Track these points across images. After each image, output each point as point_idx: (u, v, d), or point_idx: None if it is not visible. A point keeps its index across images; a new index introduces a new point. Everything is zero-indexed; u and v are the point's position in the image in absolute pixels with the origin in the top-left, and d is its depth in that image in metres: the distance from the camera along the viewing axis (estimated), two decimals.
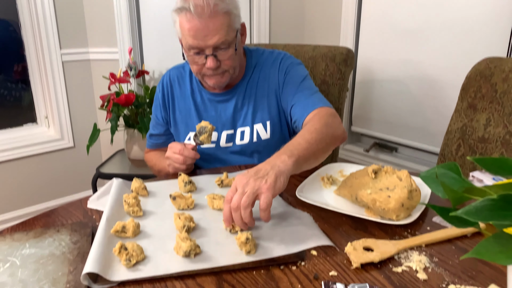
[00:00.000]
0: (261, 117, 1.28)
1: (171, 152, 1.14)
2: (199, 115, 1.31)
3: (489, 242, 0.50)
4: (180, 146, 1.13)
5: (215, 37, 1.11)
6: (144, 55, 2.42)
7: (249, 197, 0.78)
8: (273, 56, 1.31)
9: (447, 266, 0.73)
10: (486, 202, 0.46)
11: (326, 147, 1.01)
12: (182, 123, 1.33)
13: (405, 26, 1.96)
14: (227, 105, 1.29)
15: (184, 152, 1.12)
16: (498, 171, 0.51)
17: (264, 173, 0.81)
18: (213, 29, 1.10)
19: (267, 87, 1.28)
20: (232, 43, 1.16)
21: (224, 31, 1.11)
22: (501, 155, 1.21)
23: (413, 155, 2.17)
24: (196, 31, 1.10)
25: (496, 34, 1.67)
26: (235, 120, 1.29)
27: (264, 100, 1.28)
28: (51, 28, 2.27)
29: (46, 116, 2.46)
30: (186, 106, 1.32)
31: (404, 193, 0.86)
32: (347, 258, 0.76)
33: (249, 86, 1.29)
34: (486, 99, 1.28)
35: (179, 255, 0.75)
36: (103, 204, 0.96)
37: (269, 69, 1.28)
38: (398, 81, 2.05)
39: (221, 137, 1.29)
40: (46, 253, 0.78)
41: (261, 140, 1.28)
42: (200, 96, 1.31)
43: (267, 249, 0.77)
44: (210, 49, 1.13)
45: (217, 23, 1.10)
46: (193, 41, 1.12)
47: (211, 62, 1.14)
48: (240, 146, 1.29)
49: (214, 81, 1.21)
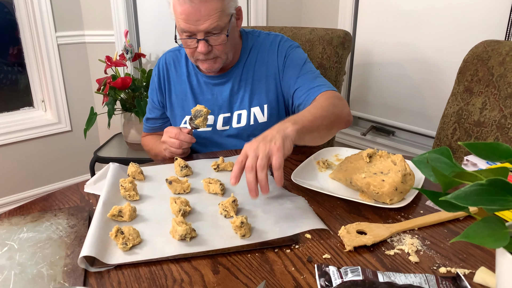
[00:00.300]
0: (259, 101, 1.28)
1: (167, 136, 1.15)
2: (195, 99, 1.31)
3: (478, 226, 0.51)
4: (176, 130, 1.13)
5: (207, 22, 1.10)
6: (141, 38, 2.40)
7: (263, 159, 0.80)
8: (270, 39, 1.30)
9: (438, 249, 0.75)
10: (475, 187, 0.47)
11: (330, 124, 1.02)
12: (178, 106, 1.33)
13: (403, 8, 1.94)
14: (223, 88, 1.29)
15: (180, 136, 1.12)
16: (489, 156, 0.51)
17: (272, 137, 0.84)
18: (205, 14, 1.09)
19: (266, 70, 1.27)
20: (225, 29, 1.14)
21: (216, 16, 1.10)
22: (496, 139, 1.21)
23: (410, 139, 2.17)
24: (188, 14, 1.09)
25: (495, 16, 1.65)
26: (232, 103, 1.29)
27: (262, 84, 1.27)
28: (45, 11, 2.24)
29: (42, 100, 2.45)
30: (182, 90, 1.32)
31: (398, 177, 0.87)
32: (340, 241, 0.77)
33: (245, 69, 1.28)
34: (483, 82, 1.27)
35: (175, 238, 0.76)
36: (100, 188, 0.96)
37: (267, 52, 1.27)
38: (396, 65, 2.04)
39: (218, 120, 1.29)
40: (43, 237, 0.78)
41: (258, 123, 1.28)
42: (196, 79, 1.31)
43: (262, 233, 0.78)
44: (201, 34, 1.12)
45: (209, 7, 1.09)
46: (185, 24, 1.11)
47: (202, 46, 1.13)
48: (237, 129, 1.29)
49: (207, 66, 1.20)
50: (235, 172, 0.82)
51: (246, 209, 0.87)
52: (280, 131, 0.86)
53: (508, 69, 1.22)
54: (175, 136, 1.13)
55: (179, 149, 1.14)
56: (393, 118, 2.14)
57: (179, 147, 1.13)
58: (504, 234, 0.50)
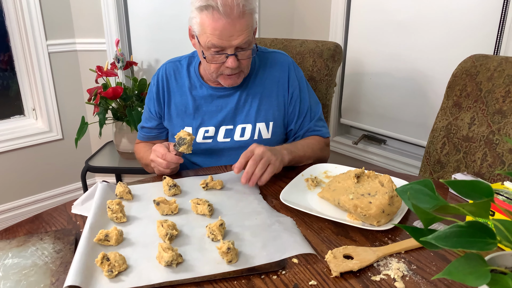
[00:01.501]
0: (265, 117, 1.29)
1: (155, 155, 1.14)
2: (198, 110, 1.29)
3: (460, 263, 0.51)
4: (163, 151, 1.13)
5: (240, 37, 1.11)
6: (133, 46, 2.39)
7: (266, 162, 1.05)
8: (277, 57, 1.32)
9: (424, 274, 0.75)
10: (455, 229, 0.47)
11: (311, 161, 1.26)
12: (178, 117, 1.31)
13: (394, 19, 1.95)
14: (229, 100, 1.28)
15: (166, 157, 1.12)
16: (470, 194, 0.51)
17: (275, 153, 1.09)
18: (239, 29, 1.10)
19: (276, 89, 1.29)
20: (252, 43, 1.17)
21: (247, 31, 1.12)
22: (484, 155, 1.22)
23: (402, 148, 2.18)
24: (222, 30, 1.08)
25: (485, 28, 1.67)
26: (236, 116, 1.29)
27: (270, 101, 1.29)
28: (36, 19, 2.22)
29: (33, 108, 2.44)
30: (182, 101, 1.30)
31: (385, 199, 0.87)
32: (327, 266, 0.77)
33: (255, 83, 1.29)
34: (471, 98, 1.28)
35: (161, 264, 0.76)
36: (88, 209, 0.96)
37: (277, 71, 1.30)
38: (387, 74, 2.04)
39: (219, 132, 1.29)
40: (28, 263, 0.78)
41: (262, 139, 1.29)
42: (201, 89, 1.29)
43: (249, 258, 0.78)
44: (232, 49, 1.12)
45: (243, 23, 1.10)
46: (218, 40, 1.10)
47: (233, 61, 1.14)
48: (239, 143, 1.28)
49: (230, 82, 1.21)
50: (240, 163, 1.05)
51: (233, 232, 0.87)
52: (280, 154, 1.11)
53: (496, 84, 1.23)
54: (162, 157, 1.12)
55: (167, 169, 1.14)
56: (385, 127, 2.14)
57: (167, 167, 1.13)
58: (485, 272, 0.50)
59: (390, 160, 2.15)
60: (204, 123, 1.29)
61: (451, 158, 1.31)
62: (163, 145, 1.15)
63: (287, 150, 1.15)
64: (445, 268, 0.50)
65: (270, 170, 1.06)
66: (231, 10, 1.06)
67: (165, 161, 1.12)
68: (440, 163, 1.34)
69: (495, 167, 1.20)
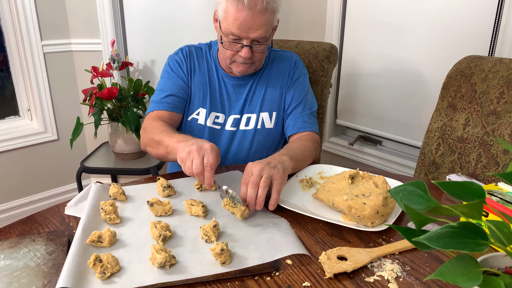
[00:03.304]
0: (269, 107, 1.33)
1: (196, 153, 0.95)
2: (212, 94, 1.33)
3: (452, 264, 0.51)
4: (213, 162, 0.95)
5: (258, 31, 1.15)
6: (128, 46, 2.38)
7: (267, 179, 0.92)
8: (288, 54, 1.39)
9: (418, 275, 0.75)
10: (447, 229, 0.47)
11: (306, 164, 1.19)
12: (195, 96, 1.33)
13: (390, 20, 1.95)
14: (240, 90, 1.33)
15: (207, 171, 0.95)
16: (461, 196, 0.51)
17: (274, 165, 0.97)
18: (259, 23, 1.14)
19: (280, 81, 1.35)
20: (269, 39, 1.22)
21: (266, 27, 1.17)
22: (479, 156, 1.22)
23: (397, 149, 2.18)
24: (243, 21, 1.13)
25: (480, 29, 1.67)
26: (244, 106, 1.33)
27: (274, 92, 1.34)
28: (31, 19, 2.21)
29: (28, 108, 2.42)
30: (202, 82, 1.34)
31: (379, 200, 0.87)
32: (321, 267, 0.77)
33: (263, 75, 1.34)
34: (466, 99, 1.28)
35: (154, 266, 0.75)
36: (81, 210, 0.95)
37: (284, 65, 1.36)
38: (382, 76, 2.05)
39: (228, 120, 1.33)
40: (20, 264, 0.77)
41: (264, 128, 1.33)
42: (217, 76, 1.34)
43: (242, 259, 0.78)
44: (248, 41, 1.17)
45: (264, 19, 1.14)
46: (236, 30, 1.15)
47: (246, 52, 1.19)
48: (243, 132, 1.33)
49: (242, 69, 1.25)
50: (243, 192, 0.93)
51: (228, 233, 0.87)
52: (281, 162, 1.00)
53: (490, 86, 1.24)
54: (206, 165, 0.95)
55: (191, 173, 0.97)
56: (380, 128, 2.15)
57: (195, 173, 0.96)
58: (477, 273, 0.50)
59: (386, 161, 2.15)
60: (217, 109, 1.33)
61: (446, 159, 1.31)
62: (216, 150, 0.98)
63: (287, 156, 1.05)
64: (438, 269, 0.50)
65: (276, 189, 0.93)
66: (255, 4, 1.11)
67: (200, 171, 0.95)
68: (435, 164, 1.34)
69: (490, 168, 1.21)
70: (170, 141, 1.09)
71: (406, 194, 0.58)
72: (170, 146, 1.08)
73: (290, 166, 1.03)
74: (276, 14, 1.19)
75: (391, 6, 1.93)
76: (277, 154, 1.06)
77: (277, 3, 1.17)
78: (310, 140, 1.27)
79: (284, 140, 1.38)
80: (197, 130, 1.32)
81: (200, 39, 1.48)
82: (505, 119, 1.19)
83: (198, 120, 1.32)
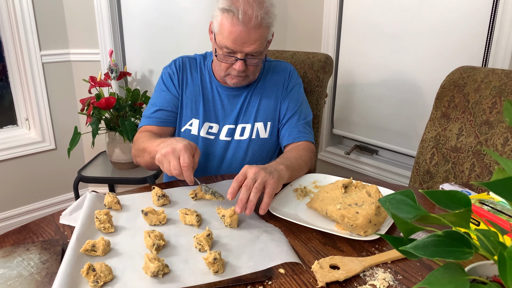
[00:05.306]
0: (264, 117, 1.34)
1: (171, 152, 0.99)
2: (206, 104, 1.34)
3: (439, 273, 0.51)
4: (188, 161, 0.99)
5: (252, 46, 1.17)
6: (127, 56, 2.40)
7: (260, 184, 0.93)
8: (283, 65, 1.41)
9: (410, 284, 0.75)
10: (433, 238, 0.47)
11: (302, 173, 1.20)
12: (187, 107, 1.35)
13: (385, 30, 1.98)
14: (235, 101, 1.34)
15: (185, 171, 0.99)
16: (448, 205, 0.52)
17: (270, 171, 0.97)
18: (253, 38, 1.16)
19: (275, 91, 1.36)
20: (263, 53, 1.24)
21: (260, 42, 1.18)
22: (472, 165, 1.23)
23: (393, 158, 2.19)
24: (237, 36, 1.15)
25: (474, 40, 1.69)
26: (239, 116, 1.34)
27: (269, 102, 1.35)
28: (30, 29, 2.24)
29: (26, 118, 2.44)
30: (194, 93, 1.35)
31: (371, 209, 0.88)
32: (313, 276, 0.77)
33: (258, 85, 1.36)
34: (459, 109, 1.30)
35: (148, 275, 0.76)
36: (76, 220, 0.96)
37: (278, 76, 1.37)
38: (378, 85, 2.06)
39: (222, 130, 1.34)
40: (14, 273, 0.77)
41: (259, 138, 1.34)
42: (211, 86, 1.35)
43: (235, 268, 0.78)
44: (242, 54, 1.19)
45: (258, 34, 1.16)
46: (231, 44, 1.17)
47: (240, 65, 1.21)
48: (238, 142, 1.34)
49: (235, 81, 1.27)
50: (233, 188, 0.93)
51: (221, 242, 0.87)
52: (277, 170, 1.00)
53: (483, 96, 1.25)
54: (182, 164, 0.98)
55: (169, 172, 1.01)
56: (377, 138, 2.16)
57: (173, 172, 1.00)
58: (463, 281, 0.50)
59: (382, 170, 2.16)
60: (211, 119, 1.34)
61: (440, 169, 1.32)
62: (191, 145, 1.02)
63: (284, 165, 1.05)
64: (425, 278, 0.51)
65: (269, 193, 0.93)
66: (249, 20, 1.13)
67: (178, 170, 0.98)
68: (430, 174, 1.35)
69: (483, 177, 1.21)
70: (152, 146, 1.14)
71: (395, 203, 0.58)
72: (152, 151, 1.13)
73: (286, 175, 1.04)
74: (271, 28, 1.21)
75: (386, 17, 1.96)
76: (273, 163, 1.06)
77: (272, 18, 1.19)
78: (306, 150, 1.28)
79: (279, 150, 1.39)
80: (191, 141, 1.32)
81: (198, 49, 1.50)
82: (498, 129, 1.20)
83: (191, 130, 1.34)
